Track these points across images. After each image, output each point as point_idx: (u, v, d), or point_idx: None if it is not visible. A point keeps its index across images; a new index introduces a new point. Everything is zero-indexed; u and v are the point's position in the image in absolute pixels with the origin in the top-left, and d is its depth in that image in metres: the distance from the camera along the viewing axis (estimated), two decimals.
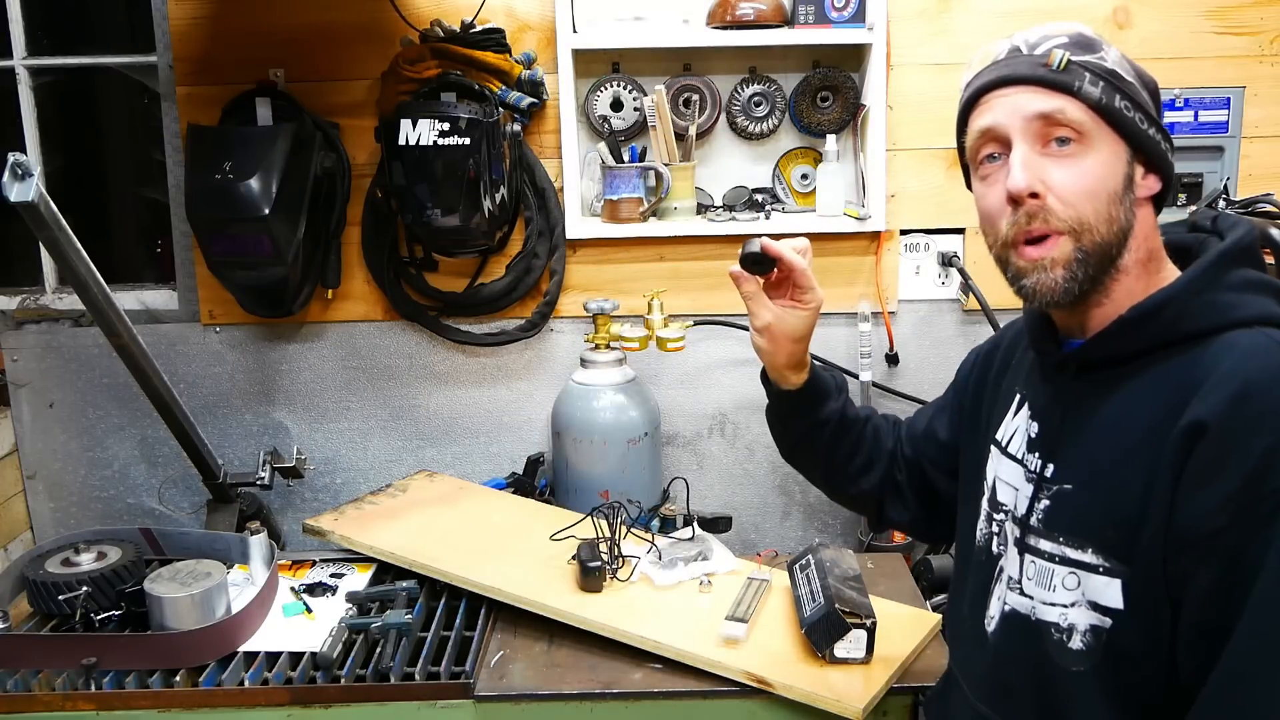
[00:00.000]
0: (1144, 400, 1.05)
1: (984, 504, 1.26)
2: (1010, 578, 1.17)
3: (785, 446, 1.55)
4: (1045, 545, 1.12)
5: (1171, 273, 1.12)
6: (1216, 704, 0.96)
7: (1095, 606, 1.06)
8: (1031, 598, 1.13)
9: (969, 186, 1.20)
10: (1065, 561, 1.09)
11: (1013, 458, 1.21)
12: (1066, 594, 1.09)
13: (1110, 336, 1.10)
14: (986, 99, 1.12)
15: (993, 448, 1.26)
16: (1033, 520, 1.14)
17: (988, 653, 1.20)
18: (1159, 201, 1.13)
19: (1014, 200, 1.08)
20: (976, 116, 1.13)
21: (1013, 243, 1.10)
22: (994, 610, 1.20)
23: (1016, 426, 1.22)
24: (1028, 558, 1.14)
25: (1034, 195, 1.06)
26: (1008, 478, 1.21)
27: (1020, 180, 1.06)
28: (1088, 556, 1.07)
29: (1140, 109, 1.09)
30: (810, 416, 1.46)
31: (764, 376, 1.49)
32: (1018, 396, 1.24)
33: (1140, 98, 1.09)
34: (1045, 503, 1.13)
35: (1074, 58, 1.07)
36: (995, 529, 1.22)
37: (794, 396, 1.46)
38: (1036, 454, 1.16)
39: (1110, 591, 1.05)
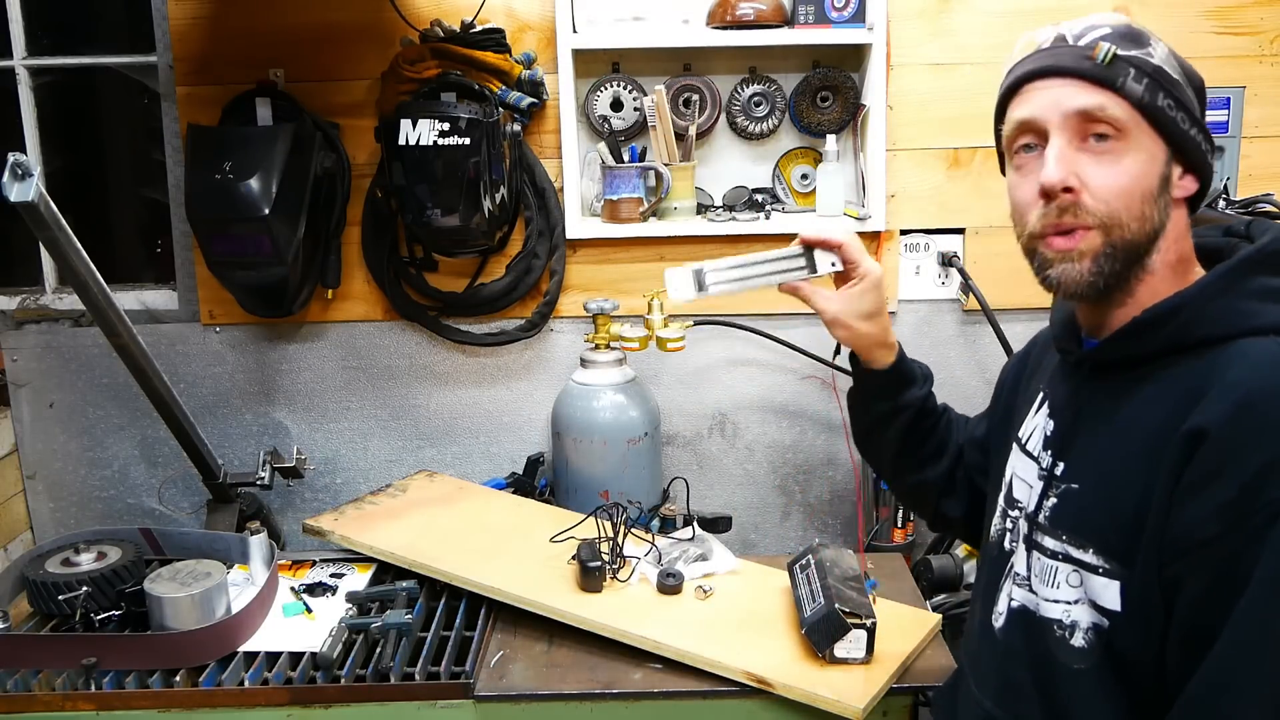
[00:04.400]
0: (1153, 403, 1.05)
1: (1000, 500, 1.26)
2: (1018, 574, 1.17)
3: (861, 428, 1.54)
4: (1050, 543, 1.12)
5: (1198, 276, 1.10)
6: (1193, 709, 0.96)
7: (1095, 606, 1.07)
8: (1036, 594, 1.14)
9: (1004, 174, 1.20)
10: (1068, 560, 1.10)
11: (1029, 454, 1.21)
12: (1070, 591, 1.09)
13: (1124, 337, 1.09)
14: (1027, 89, 1.10)
15: (1014, 445, 1.26)
16: (1040, 517, 1.15)
17: (996, 649, 1.20)
18: (1194, 203, 1.12)
19: (1046, 194, 1.07)
20: (1015, 106, 1.11)
21: (1041, 234, 1.09)
22: (1002, 606, 1.20)
23: (1036, 424, 1.22)
24: (1034, 554, 1.15)
25: (1068, 190, 1.05)
26: (1023, 474, 1.22)
27: (1054, 174, 1.05)
28: (1089, 557, 1.07)
29: (1184, 108, 1.07)
30: (895, 399, 1.46)
31: (852, 359, 1.49)
32: (1040, 394, 1.25)
33: (1185, 96, 1.07)
34: (1053, 500, 1.13)
35: (1121, 52, 1.05)
36: (1009, 525, 1.22)
37: (881, 376, 1.45)
38: (1049, 451, 1.17)
39: (1109, 593, 1.05)
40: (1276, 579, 0.93)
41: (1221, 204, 2.00)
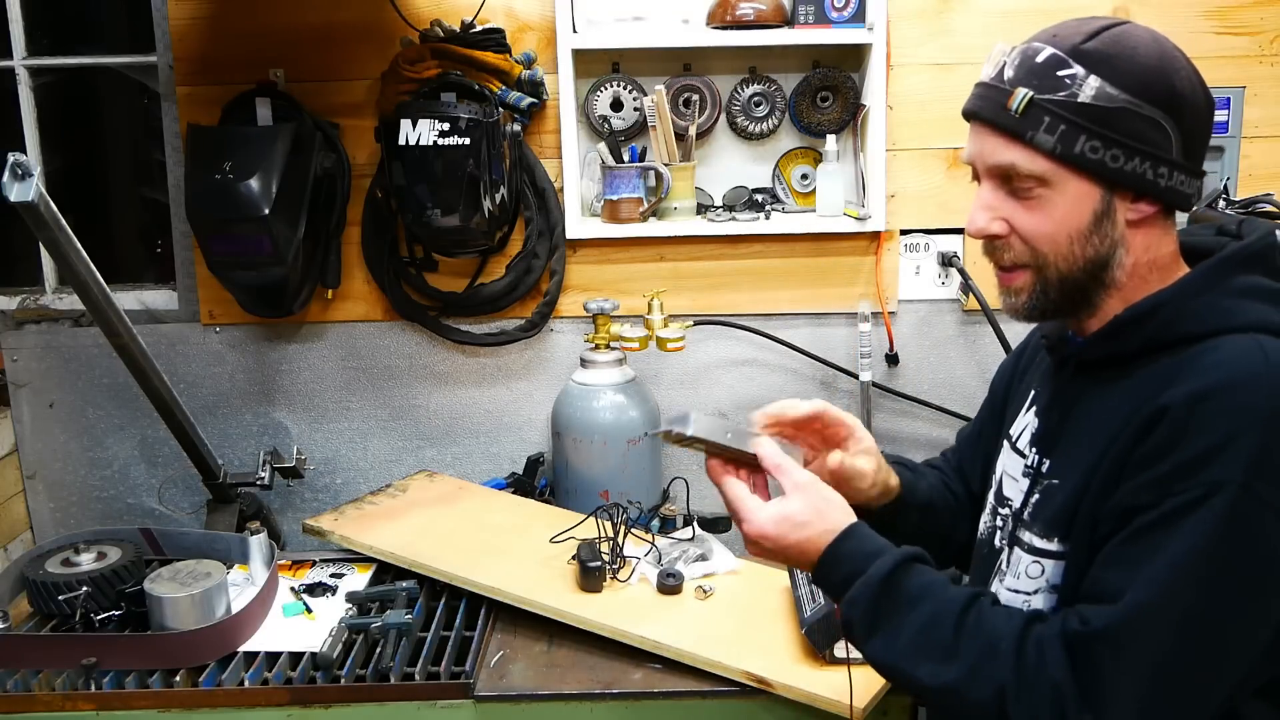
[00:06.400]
0: (1126, 398, 1.06)
1: (990, 497, 1.27)
2: (1003, 572, 1.19)
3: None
4: (1027, 537, 1.14)
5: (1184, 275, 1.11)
6: (1082, 651, 0.97)
7: (1054, 589, 1.10)
8: (1011, 590, 1.16)
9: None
10: (1032, 550, 1.12)
11: (1019, 452, 1.22)
12: (1029, 582, 1.12)
13: (1106, 336, 1.11)
14: (969, 124, 1.12)
15: (1004, 443, 1.27)
16: (1025, 514, 1.16)
17: None
18: (1170, 210, 1.09)
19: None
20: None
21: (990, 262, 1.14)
22: None
23: (1026, 422, 1.23)
24: (1016, 551, 1.16)
25: (996, 235, 1.09)
26: (1011, 471, 1.23)
27: (975, 223, 1.10)
28: (1052, 545, 1.10)
29: (1119, 143, 1.02)
30: (905, 514, 1.33)
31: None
32: (1031, 393, 1.26)
33: (1124, 126, 1.02)
34: (1036, 497, 1.15)
35: (1039, 96, 1.03)
36: (999, 523, 1.23)
37: (895, 503, 1.32)
38: (1035, 449, 1.18)
39: (1059, 574, 1.09)
40: (1191, 555, 0.94)
41: (1221, 204, 2.01)
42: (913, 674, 1.06)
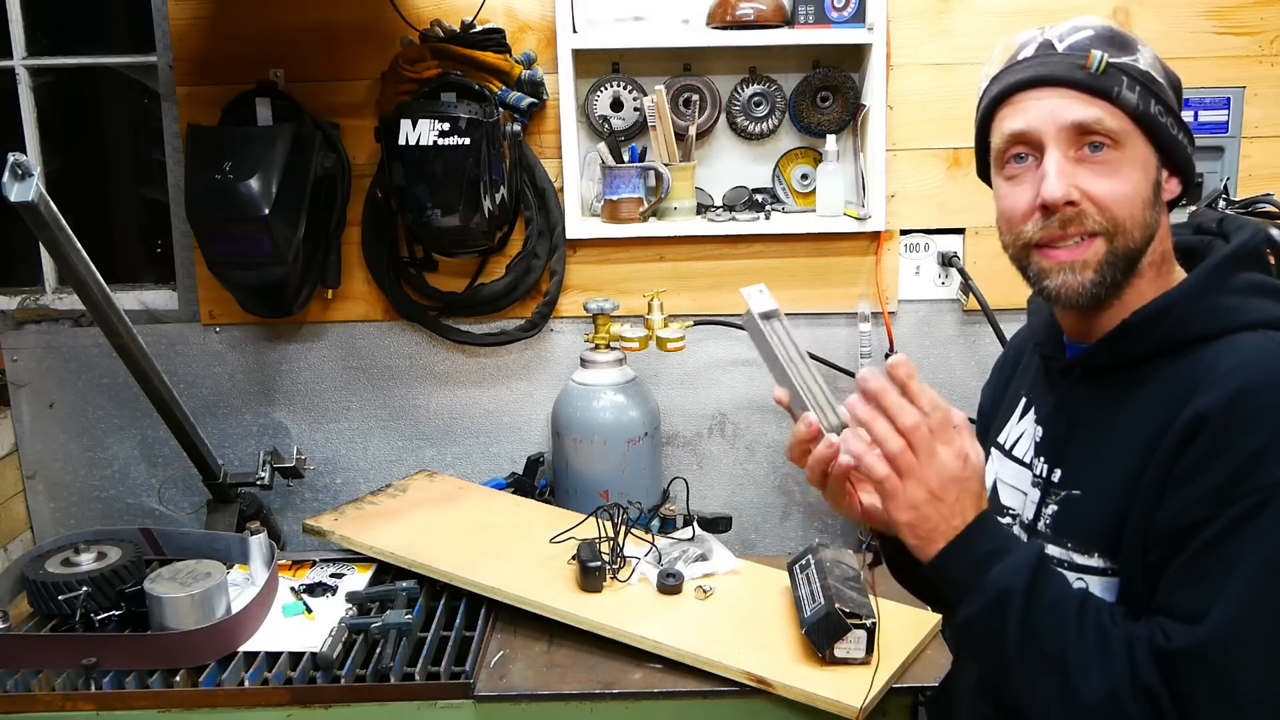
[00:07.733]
0: (1150, 405, 1.04)
1: None
2: None
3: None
4: (1053, 551, 1.11)
5: (1179, 275, 1.11)
6: (1180, 677, 0.95)
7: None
8: None
9: (983, 178, 1.18)
10: (1073, 567, 1.09)
11: (1018, 461, 1.20)
12: None
13: (1114, 341, 1.09)
14: (1018, 98, 1.08)
15: (994, 450, 1.25)
16: (1040, 525, 1.14)
17: None
18: (1173, 203, 1.12)
19: (1047, 208, 1.05)
20: (1005, 116, 1.09)
21: (1039, 245, 1.07)
22: None
23: (1022, 430, 1.21)
24: None
25: (1070, 203, 1.04)
26: (1012, 481, 1.21)
27: (1056, 190, 1.03)
28: (1094, 561, 1.07)
29: (1170, 113, 1.07)
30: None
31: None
32: (1023, 400, 1.24)
33: (1169, 99, 1.07)
34: (1053, 508, 1.12)
35: (1112, 59, 1.04)
36: None
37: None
38: (1043, 459, 1.16)
39: (1110, 594, 1.06)
40: (1266, 565, 0.93)
41: (1221, 204, 2.00)
42: (1037, 650, 0.99)
